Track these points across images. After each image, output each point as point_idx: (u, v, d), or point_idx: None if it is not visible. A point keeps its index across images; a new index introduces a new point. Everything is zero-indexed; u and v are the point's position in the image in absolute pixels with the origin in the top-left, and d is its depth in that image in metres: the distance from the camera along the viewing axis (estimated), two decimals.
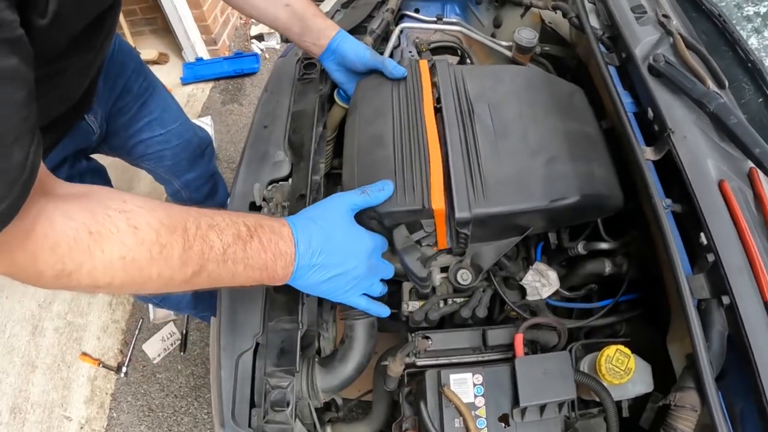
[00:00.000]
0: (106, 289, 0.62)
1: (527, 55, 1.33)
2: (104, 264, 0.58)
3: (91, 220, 0.57)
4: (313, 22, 1.11)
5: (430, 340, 0.89)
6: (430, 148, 0.93)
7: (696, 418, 0.71)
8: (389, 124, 0.99)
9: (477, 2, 1.61)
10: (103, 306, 2.26)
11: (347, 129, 1.04)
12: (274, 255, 0.73)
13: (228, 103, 2.78)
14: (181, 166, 1.60)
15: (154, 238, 0.61)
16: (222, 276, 0.69)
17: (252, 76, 2.92)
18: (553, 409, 0.79)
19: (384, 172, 0.91)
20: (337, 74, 1.18)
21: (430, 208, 0.86)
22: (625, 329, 1.05)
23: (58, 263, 0.56)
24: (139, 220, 0.61)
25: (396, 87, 1.07)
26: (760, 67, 1.02)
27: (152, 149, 1.49)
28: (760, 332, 0.70)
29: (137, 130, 1.41)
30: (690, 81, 0.90)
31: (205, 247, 0.66)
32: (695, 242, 0.81)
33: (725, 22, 1.10)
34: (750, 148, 0.83)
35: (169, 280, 0.65)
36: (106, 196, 0.61)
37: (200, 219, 0.67)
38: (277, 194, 1.09)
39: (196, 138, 1.63)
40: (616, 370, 0.81)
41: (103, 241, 0.58)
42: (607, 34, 1.10)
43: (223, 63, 2.88)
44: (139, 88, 1.35)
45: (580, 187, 0.90)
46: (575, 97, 1.07)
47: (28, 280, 0.58)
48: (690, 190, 0.82)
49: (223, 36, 2.97)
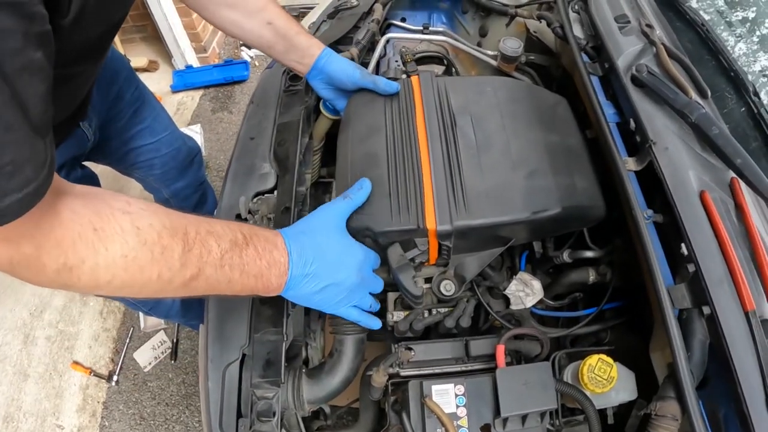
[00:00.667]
0: (106, 288, 0.62)
1: (512, 65, 1.34)
2: (107, 262, 0.59)
3: (96, 218, 0.59)
4: (297, 40, 1.10)
5: (413, 351, 0.90)
6: (422, 168, 0.93)
7: (677, 427, 0.71)
8: (382, 142, 0.98)
9: (463, 12, 1.61)
10: (94, 315, 2.25)
11: (340, 146, 1.04)
12: (268, 263, 0.75)
13: (218, 110, 2.78)
14: (170, 175, 1.60)
15: (156, 239, 0.63)
16: (219, 281, 0.70)
17: (242, 83, 2.92)
18: (535, 418, 0.79)
19: (378, 192, 0.91)
20: (324, 92, 1.17)
21: (424, 228, 0.86)
22: (609, 337, 1.06)
23: (61, 256, 0.57)
24: (142, 222, 0.62)
25: (389, 104, 1.06)
26: (742, 77, 1.01)
27: (143, 157, 1.49)
28: (741, 342, 0.70)
29: (129, 137, 1.42)
30: (672, 91, 0.90)
31: (203, 250, 0.67)
32: (676, 252, 0.81)
33: (708, 31, 1.10)
34: (731, 159, 0.83)
35: (168, 283, 0.66)
36: (111, 197, 0.63)
37: (199, 224, 0.69)
38: (263, 206, 1.09)
39: (186, 147, 1.63)
40: (598, 379, 0.81)
41: (107, 239, 0.59)
42: (591, 44, 1.10)
43: (212, 70, 2.88)
44: (131, 96, 1.36)
45: (562, 198, 0.91)
46: (559, 108, 1.07)
47: (28, 273, 0.58)
48: (671, 201, 0.82)
49: (213, 44, 2.97)
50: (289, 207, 1.04)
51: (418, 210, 0.88)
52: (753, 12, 1.48)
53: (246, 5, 1.06)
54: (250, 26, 1.08)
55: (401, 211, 0.89)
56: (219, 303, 0.95)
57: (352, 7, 1.39)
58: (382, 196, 0.91)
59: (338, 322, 0.94)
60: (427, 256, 0.94)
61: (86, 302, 2.27)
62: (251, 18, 1.07)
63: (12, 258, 0.55)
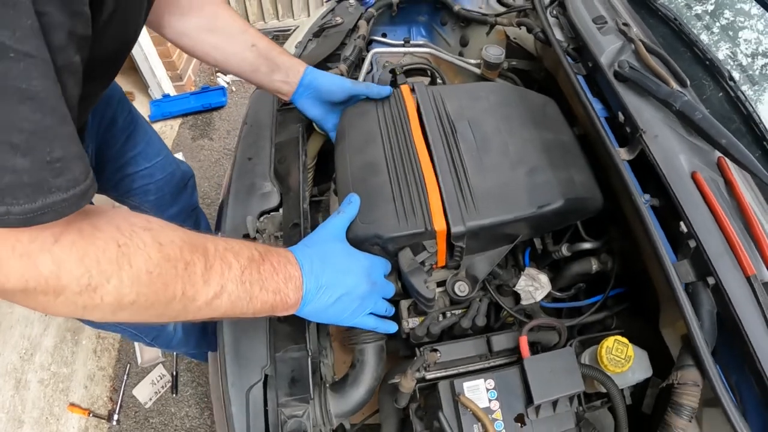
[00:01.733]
0: (129, 309, 0.60)
1: (495, 71, 1.40)
2: (131, 278, 0.57)
3: (118, 234, 0.58)
4: (281, 60, 1.11)
5: (438, 353, 0.92)
6: (423, 171, 0.96)
7: (699, 392, 0.75)
8: (380, 150, 1.01)
9: (442, 23, 1.68)
10: (87, 354, 2.21)
11: (338, 158, 1.06)
12: (285, 278, 0.75)
13: (198, 138, 2.78)
14: (165, 201, 1.59)
15: (178, 255, 0.62)
16: (241, 298, 0.70)
17: (220, 109, 2.93)
18: (565, 403, 0.83)
19: (382, 199, 0.94)
20: (312, 110, 1.17)
21: (432, 230, 0.89)
22: (615, 322, 1.10)
23: (84, 275, 0.54)
24: (164, 238, 0.62)
25: (382, 112, 1.09)
26: (717, 64, 1.09)
27: (137, 183, 1.47)
28: (746, 304, 0.76)
29: (123, 163, 1.40)
30: (654, 83, 0.97)
31: (224, 266, 0.67)
32: (675, 231, 0.87)
33: (681, 25, 1.18)
34: (717, 140, 0.90)
35: (192, 301, 0.65)
36: (130, 214, 0.62)
37: (217, 242, 0.69)
38: (269, 225, 1.10)
39: (179, 171, 1.62)
40: (617, 359, 0.85)
41: (131, 254, 0.57)
42: (572, 46, 1.17)
43: (190, 98, 2.89)
44: (124, 121, 1.35)
45: (563, 192, 0.96)
46: (548, 108, 1.13)
47: (45, 299, 0.54)
48: (666, 184, 0.88)
49: (188, 71, 2.98)
50: (297, 223, 1.06)
51: (424, 213, 0.91)
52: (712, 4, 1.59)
53: (227, 29, 1.07)
54: (233, 50, 1.08)
55: (407, 215, 0.91)
56: (233, 326, 0.95)
57: (336, 25, 1.44)
58: (386, 203, 0.93)
59: (356, 332, 0.95)
60: (436, 259, 0.97)
61: (78, 341, 2.22)
62: (234, 41, 1.08)
63: (28, 280, 0.52)
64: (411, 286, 0.91)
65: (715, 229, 0.82)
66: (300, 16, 3.38)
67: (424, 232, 0.90)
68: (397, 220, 0.91)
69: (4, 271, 0.51)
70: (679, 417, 0.74)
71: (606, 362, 0.86)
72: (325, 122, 1.20)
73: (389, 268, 0.95)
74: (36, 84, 0.44)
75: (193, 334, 1.73)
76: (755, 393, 0.74)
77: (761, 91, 1.29)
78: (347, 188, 0.98)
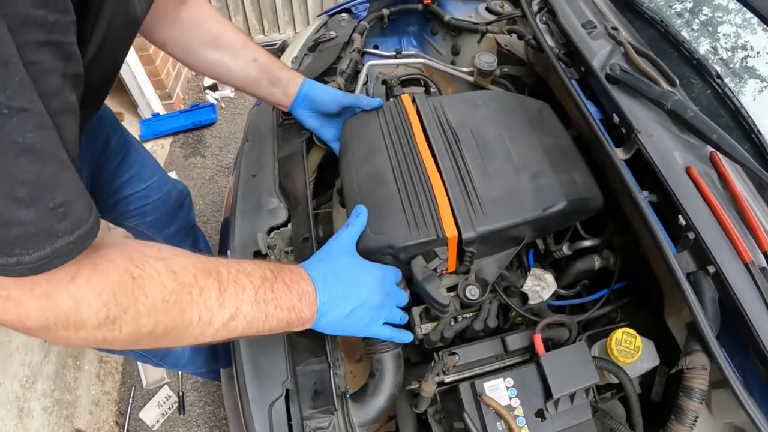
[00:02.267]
0: (148, 338, 0.62)
1: (488, 78, 1.45)
2: (148, 308, 0.59)
3: (131, 265, 0.59)
4: (281, 74, 1.16)
5: (457, 356, 0.95)
6: (430, 179, 1.00)
7: (707, 375, 0.80)
8: (386, 160, 1.05)
9: (433, 33, 1.72)
10: (91, 379, 2.21)
11: (343, 170, 1.09)
12: (298, 294, 0.77)
13: (190, 156, 2.79)
14: (162, 221, 1.60)
15: (192, 281, 0.64)
16: (256, 317, 0.72)
17: (210, 126, 2.94)
18: (581, 395, 0.87)
19: (392, 209, 0.97)
20: (309, 120, 1.22)
21: (444, 237, 0.92)
22: (620, 316, 1.15)
23: (102, 310, 0.56)
24: (177, 265, 0.63)
25: (384, 123, 1.13)
26: (704, 63, 1.16)
27: (134, 205, 1.48)
28: (746, 289, 0.82)
29: (118, 186, 1.41)
30: (646, 84, 1.02)
31: (238, 288, 0.69)
32: (674, 225, 0.92)
33: (667, 26, 1.25)
34: (708, 135, 0.95)
35: (209, 325, 0.67)
36: (140, 244, 0.64)
37: (229, 264, 0.71)
38: (279, 241, 1.12)
39: (175, 191, 1.63)
40: (626, 350, 0.90)
41: (146, 284, 0.59)
42: (564, 51, 1.22)
43: (179, 117, 2.89)
44: (117, 144, 1.36)
45: (566, 193, 1.00)
46: (544, 113, 1.18)
47: (66, 333, 0.56)
48: (663, 181, 0.93)
49: (177, 89, 2.99)
50: (307, 237, 1.09)
51: (435, 220, 0.94)
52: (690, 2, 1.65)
53: (231, 45, 1.11)
54: (237, 65, 1.12)
55: (418, 224, 0.94)
56: (250, 343, 0.97)
57: (331, 39, 1.47)
58: (396, 213, 0.96)
59: (373, 342, 0.97)
60: (447, 265, 1.00)
61: (80, 366, 2.22)
62: (237, 57, 1.11)
63: (48, 318, 0.54)
64: (426, 293, 0.93)
65: (711, 220, 0.88)
66: (286, 30, 3.43)
67: (435, 240, 0.93)
68: (408, 229, 0.93)
69: (24, 311, 0.53)
70: (691, 400, 0.79)
71: (616, 354, 0.90)
72: (323, 133, 1.24)
73: (400, 277, 0.97)
74: (31, 136, 0.45)
75: (202, 353, 1.74)
76: (760, 373, 0.79)
77: (743, 83, 1.36)
78: (355, 199, 1.00)
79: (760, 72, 1.38)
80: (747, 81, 1.37)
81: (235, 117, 3.05)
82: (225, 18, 1.13)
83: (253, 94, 1.21)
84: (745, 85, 1.36)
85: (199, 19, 1.08)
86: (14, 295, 0.52)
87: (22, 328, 0.54)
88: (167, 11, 1.03)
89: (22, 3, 0.43)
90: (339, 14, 1.60)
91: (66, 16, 0.49)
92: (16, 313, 0.53)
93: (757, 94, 1.32)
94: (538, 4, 1.40)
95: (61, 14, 0.48)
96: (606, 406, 0.99)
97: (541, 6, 1.39)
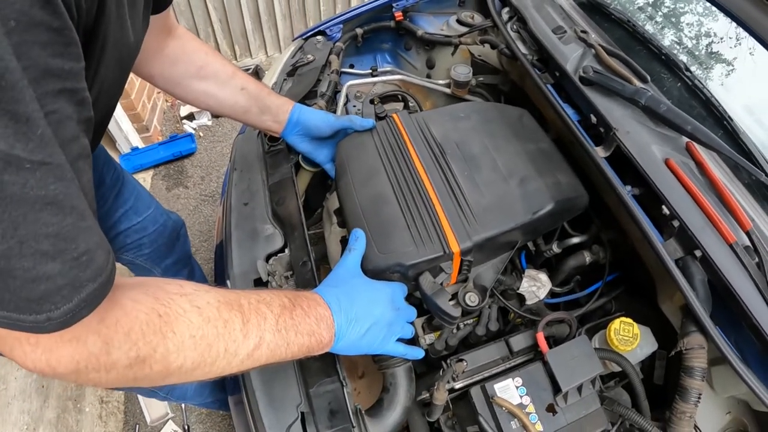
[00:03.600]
0: (177, 374, 0.64)
1: (465, 89, 1.52)
2: (176, 345, 0.62)
3: (157, 304, 0.61)
4: (270, 100, 1.19)
5: (465, 362, 1.00)
6: (431, 196, 1.05)
7: (706, 354, 0.87)
8: (386, 180, 1.09)
9: (407, 49, 1.79)
10: (93, 420, 2.20)
11: (343, 193, 1.12)
12: (316, 319, 0.81)
13: (173, 188, 2.81)
14: (160, 252, 1.62)
15: (217, 315, 0.67)
16: (279, 345, 0.75)
17: (191, 156, 2.96)
18: (588, 386, 0.93)
19: (397, 228, 1.01)
20: (302, 145, 1.26)
21: (450, 252, 0.97)
22: (614, 307, 1.21)
23: (132, 349, 0.58)
24: (200, 301, 0.66)
25: (380, 143, 1.17)
26: (673, 58, 1.24)
27: (131, 239, 1.50)
28: (733, 268, 0.89)
29: (115, 221, 1.43)
30: (619, 83, 1.09)
31: (260, 318, 0.73)
32: (659, 215, 0.99)
33: (634, 25, 1.33)
34: (683, 127, 1.03)
35: (234, 356, 0.69)
36: (162, 282, 0.66)
37: (249, 295, 0.74)
38: (278, 266, 1.16)
39: (170, 221, 1.67)
40: (625, 338, 0.96)
41: (173, 322, 0.62)
42: (537, 57, 1.29)
43: (159, 149, 2.90)
44: (111, 180, 1.37)
45: (553, 195, 1.07)
46: (524, 119, 1.25)
47: (97, 375, 0.58)
48: (644, 174, 1.00)
49: (154, 121, 3.00)
50: (306, 261, 1.13)
51: (440, 237, 0.99)
52: None
53: (218, 75, 1.14)
54: (224, 95, 1.16)
55: (424, 241, 0.99)
56: (260, 370, 0.98)
57: (309, 62, 1.52)
58: (401, 231, 1.00)
59: (385, 357, 0.99)
60: (450, 278, 1.05)
61: (81, 409, 2.21)
62: (225, 86, 1.15)
63: (79, 361, 0.55)
64: (437, 307, 0.97)
65: (693, 207, 0.95)
66: (258, 54, 3.48)
67: (442, 255, 0.98)
68: (415, 246, 0.98)
69: (55, 357, 0.55)
70: (693, 379, 0.85)
71: (616, 342, 0.96)
72: (316, 155, 1.28)
73: (407, 291, 1.02)
74: (53, 188, 0.47)
75: (209, 384, 1.75)
76: (756, 346, 0.86)
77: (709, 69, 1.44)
78: (359, 221, 1.04)
79: (726, 56, 1.46)
80: (714, 66, 1.46)
81: (215, 145, 3.07)
82: (212, 48, 1.17)
83: (245, 122, 1.25)
84: (712, 70, 1.44)
85: (186, 52, 1.11)
86: (44, 342, 0.54)
87: (53, 374, 0.56)
88: (154, 45, 1.06)
89: (41, 54, 0.45)
90: (313, 37, 1.65)
91: (78, 63, 0.51)
92: (47, 360, 0.55)
93: (725, 78, 1.41)
94: (507, 13, 1.48)
95: (75, 62, 0.50)
96: (612, 394, 1.04)
97: (511, 15, 1.46)
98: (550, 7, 1.39)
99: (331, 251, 1.34)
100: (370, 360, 1.06)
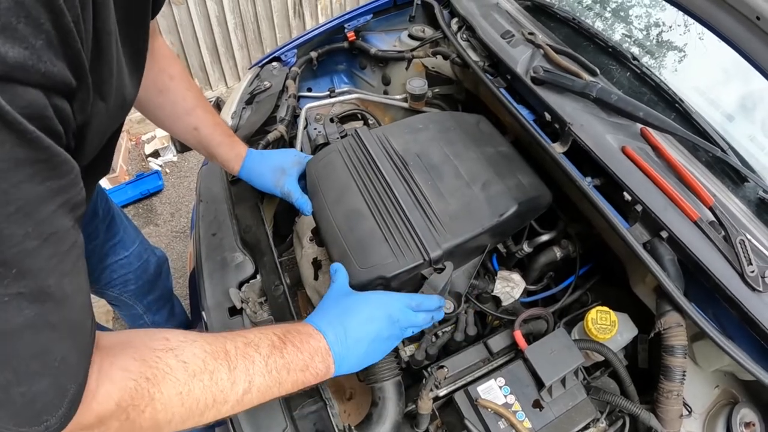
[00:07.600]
0: (167, 428, 0.65)
1: (422, 102, 1.54)
2: (164, 404, 0.62)
3: (144, 367, 0.62)
4: (218, 152, 1.18)
5: (446, 368, 0.99)
6: (404, 207, 1.05)
7: (684, 331, 0.88)
8: (358, 195, 1.10)
9: (362, 68, 1.81)
10: None
11: (318, 212, 1.14)
12: (310, 353, 0.79)
13: (143, 226, 2.75)
14: (144, 289, 1.60)
15: (202, 367, 0.67)
16: (270, 386, 0.74)
17: (159, 194, 2.92)
18: (572, 377, 0.93)
19: (375, 241, 1.02)
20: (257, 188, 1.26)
21: (430, 259, 0.98)
22: (591, 297, 1.22)
23: (122, 414, 0.59)
24: (186, 354, 0.66)
25: (348, 159, 1.18)
26: (620, 49, 1.28)
27: (117, 273, 1.49)
28: (700, 244, 0.90)
29: (104, 254, 1.43)
30: (569, 79, 1.12)
31: (247, 363, 0.72)
32: (621, 202, 1.01)
33: (579, 22, 1.37)
34: (635, 114, 1.05)
35: (224, 404, 0.69)
36: (148, 338, 0.66)
37: (236, 339, 0.73)
38: (251, 293, 1.15)
39: (154, 257, 1.65)
40: (603, 326, 0.97)
41: (160, 382, 0.62)
42: (488, 63, 1.32)
43: (126, 188, 2.86)
44: (104, 211, 1.37)
45: (516, 197, 1.08)
46: (482, 125, 1.27)
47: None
48: (602, 164, 1.02)
49: (119, 161, 2.97)
50: (279, 284, 1.12)
51: (418, 244, 1.00)
52: None
53: (173, 107, 1.12)
54: (176, 129, 1.16)
55: (403, 251, 0.99)
56: None
57: (266, 89, 1.53)
58: (380, 244, 1.01)
59: (372, 372, 0.99)
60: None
61: None
62: (177, 122, 1.15)
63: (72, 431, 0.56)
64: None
65: (654, 190, 0.97)
66: (218, 86, 3.48)
67: (423, 263, 0.98)
68: (395, 257, 0.99)
69: None
70: (674, 357, 0.86)
71: (595, 332, 0.97)
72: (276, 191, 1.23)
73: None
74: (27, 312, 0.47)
75: None
76: (734, 317, 0.86)
77: (662, 57, 1.49)
78: (336, 240, 1.05)
79: (676, 43, 1.51)
80: (666, 54, 1.50)
81: (182, 180, 3.04)
82: (181, 72, 1.13)
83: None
84: (665, 58, 1.49)
85: (153, 72, 1.05)
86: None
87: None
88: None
89: (29, 187, 0.44)
90: (269, 64, 1.66)
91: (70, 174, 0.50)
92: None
93: (678, 64, 1.46)
94: (456, 23, 1.51)
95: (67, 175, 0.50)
96: (598, 383, 1.04)
97: (460, 25, 1.49)
98: (496, 13, 1.42)
99: (304, 275, 1.33)
100: (357, 381, 1.04)
